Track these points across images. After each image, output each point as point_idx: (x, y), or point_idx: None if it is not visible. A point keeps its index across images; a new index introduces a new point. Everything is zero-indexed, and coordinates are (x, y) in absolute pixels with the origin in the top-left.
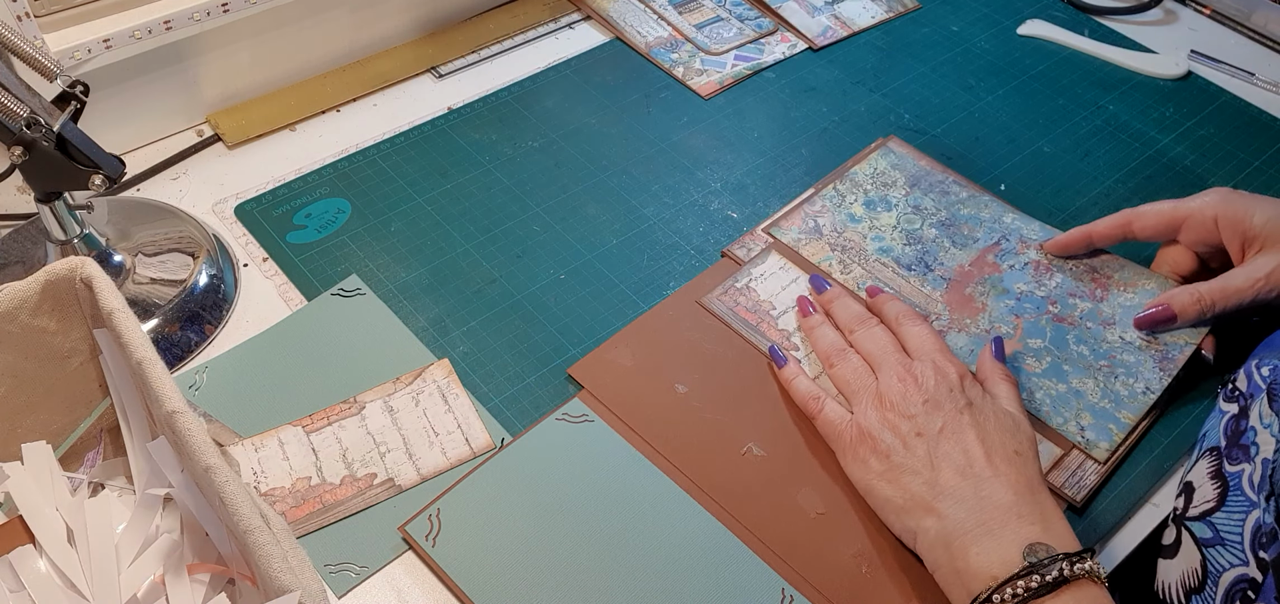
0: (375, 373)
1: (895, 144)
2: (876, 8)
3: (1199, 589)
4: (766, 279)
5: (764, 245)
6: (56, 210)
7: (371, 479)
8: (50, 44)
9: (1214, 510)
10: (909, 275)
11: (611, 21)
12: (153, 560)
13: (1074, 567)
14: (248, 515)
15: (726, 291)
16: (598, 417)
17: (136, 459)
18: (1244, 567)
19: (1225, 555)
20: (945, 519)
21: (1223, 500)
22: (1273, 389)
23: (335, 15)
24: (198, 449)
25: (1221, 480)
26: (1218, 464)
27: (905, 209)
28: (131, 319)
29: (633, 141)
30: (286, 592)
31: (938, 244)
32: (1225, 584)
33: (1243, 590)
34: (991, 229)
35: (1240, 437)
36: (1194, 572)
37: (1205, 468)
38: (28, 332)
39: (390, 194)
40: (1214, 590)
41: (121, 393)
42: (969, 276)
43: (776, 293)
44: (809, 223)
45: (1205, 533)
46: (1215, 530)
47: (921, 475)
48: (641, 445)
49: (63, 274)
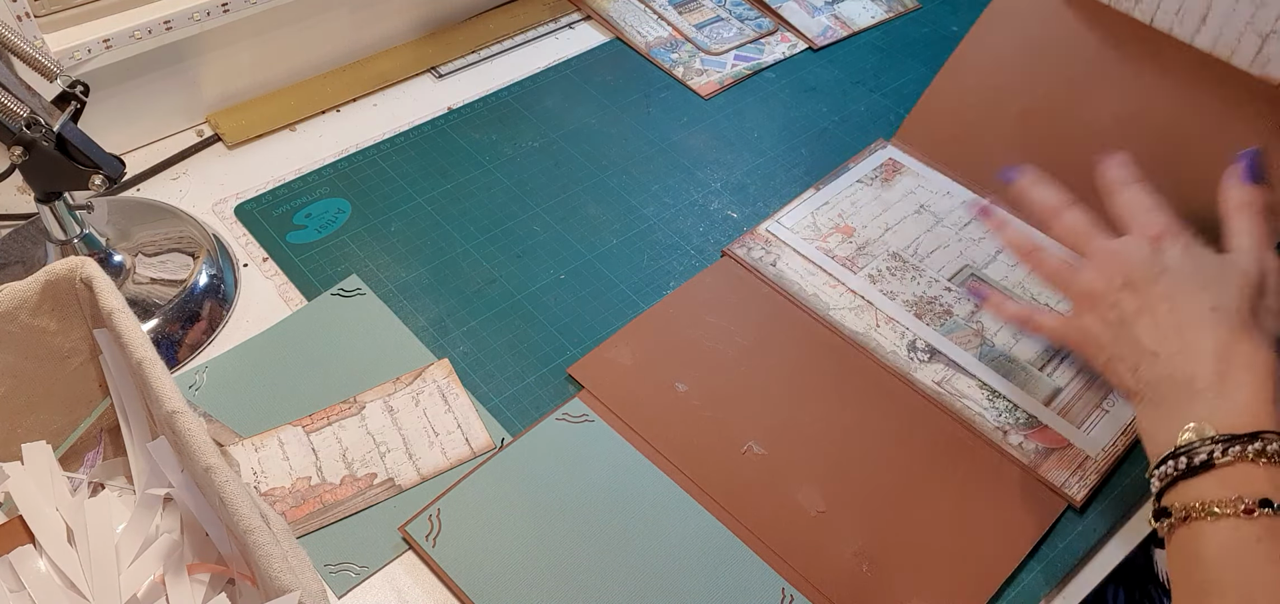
0: (375, 373)
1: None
2: (876, 8)
3: None
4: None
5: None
6: (56, 210)
7: (371, 479)
8: (50, 44)
9: None
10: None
11: (611, 21)
12: (153, 560)
13: (1229, 450)
14: (248, 515)
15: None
16: (598, 416)
17: (136, 459)
18: None
19: None
20: (1144, 400)
21: None
22: None
23: (335, 15)
24: (198, 449)
25: None
26: None
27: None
28: (131, 319)
29: (633, 141)
30: (286, 592)
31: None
32: None
33: None
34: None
35: None
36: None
37: None
38: (28, 331)
39: (390, 194)
40: None
41: (121, 393)
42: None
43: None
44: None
45: None
46: None
47: (1126, 361)
48: (641, 445)
49: (63, 274)
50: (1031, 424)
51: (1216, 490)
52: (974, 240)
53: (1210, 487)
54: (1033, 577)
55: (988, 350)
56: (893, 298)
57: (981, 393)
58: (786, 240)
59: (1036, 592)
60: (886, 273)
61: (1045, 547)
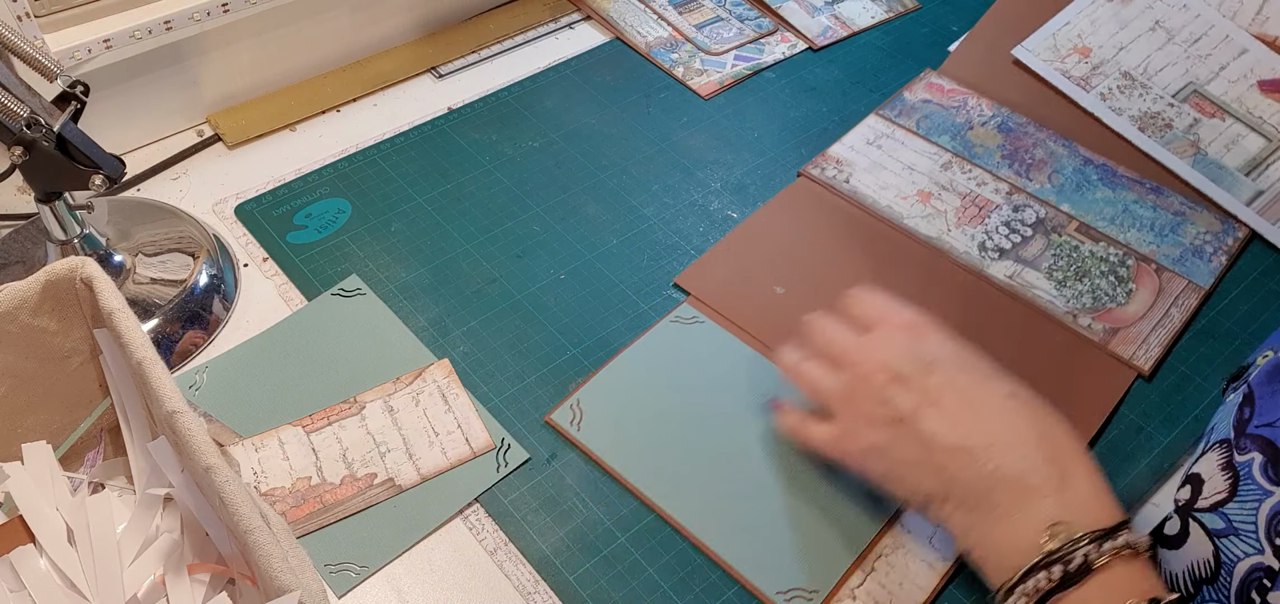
0: (375, 373)
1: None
2: (876, 8)
3: (1212, 579)
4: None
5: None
6: (57, 210)
7: (372, 479)
8: (50, 44)
9: (1226, 501)
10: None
11: (611, 21)
12: (153, 560)
13: (1102, 546)
14: (248, 515)
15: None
16: (706, 318)
17: (137, 459)
18: (1259, 555)
19: (1239, 545)
20: (959, 505)
21: (1234, 491)
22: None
23: (335, 15)
24: (198, 449)
25: (1232, 471)
26: (1228, 455)
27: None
28: (132, 319)
29: (633, 141)
30: (287, 591)
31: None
32: (1240, 574)
33: (1258, 579)
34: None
35: (1247, 426)
36: (1206, 562)
37: (1215, 459)
38: (28, 332)
39: (390, 194)
40: (1229, 580)
41: (121, 393)
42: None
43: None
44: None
45: (1217, 523)
46: (1228, 521)
47: (918, 462)
48: (749, 340)
49: (63, 274)
50: (1098, 307)
51: (1100, 597)
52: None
53: (1093, 594)
54: None
55: (1200, 159)
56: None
57: (1049, 282)
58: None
59: None
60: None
61: None
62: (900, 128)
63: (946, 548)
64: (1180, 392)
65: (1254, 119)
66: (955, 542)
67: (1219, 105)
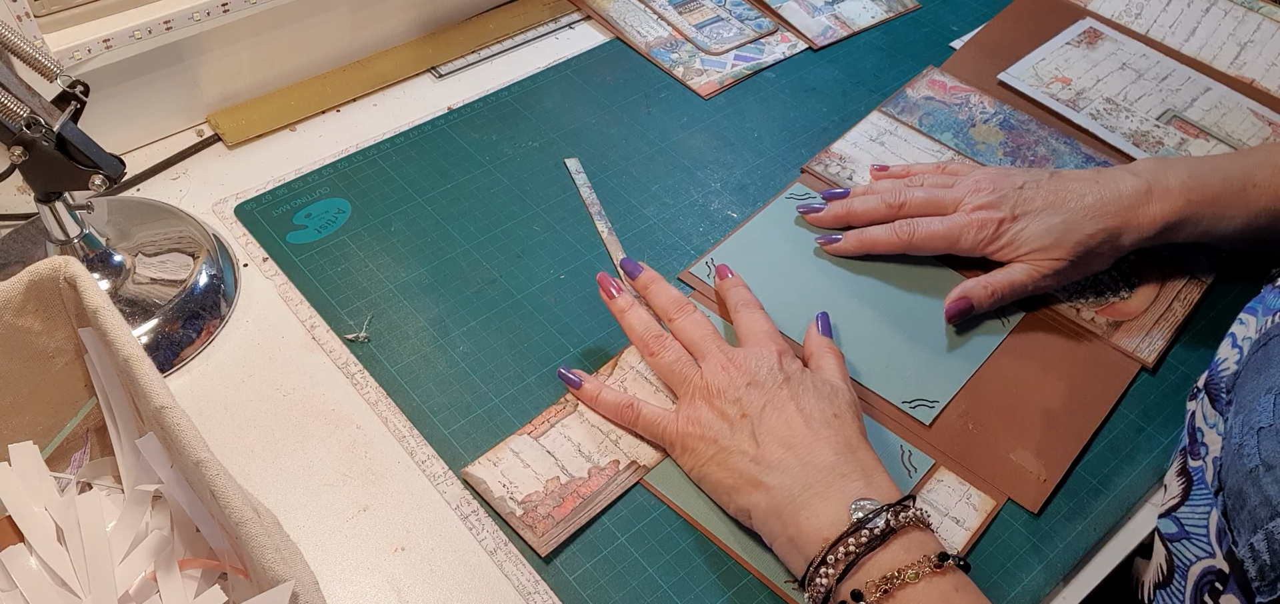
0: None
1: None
2: (876, 8)
3: (1166, 584)
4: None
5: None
6: (56, 210)
7: (616, 466)
8: (50, 44)
9: (1179, 505)
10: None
11: (611, 21)
12: (144, 557)
13: (899, 516)
14: (239, 508)
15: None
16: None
17: (124, 457)
18: (1210, 558)
19: (1191, 549)
20: (773, 491)
21: (1187, 495)
22: (1210, 387)
23: (335, 15)
24: (187, 444)
25: (1186, 476)
26: (1184, 461)
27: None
28: (116, 316)
29: (633, 141)
30: (280, 581)
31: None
32: (1193, 577)
33: (1211, 582)
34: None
35: (1197, 433)
36: (1160, 567)
37: (1176, 465)
38: (12, 332)
39: (390, 194)
40: (1183, 584)
41: (108, 391)
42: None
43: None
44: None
45: (1171, 528)
46: (1181, 525)
47: (747, 453)
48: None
49: (46, 274)
50: (1101, 301)
51: (903, 556)
52: None
53: (897, 554)
54: (1033, 576)
55: None
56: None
57: None
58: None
59: (1037, 591)
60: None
61: (1045, 546)
62: (903, 124)
63: None
64: (1181, 392)
65: (1234, 142)
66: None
67: (1200, 128)
